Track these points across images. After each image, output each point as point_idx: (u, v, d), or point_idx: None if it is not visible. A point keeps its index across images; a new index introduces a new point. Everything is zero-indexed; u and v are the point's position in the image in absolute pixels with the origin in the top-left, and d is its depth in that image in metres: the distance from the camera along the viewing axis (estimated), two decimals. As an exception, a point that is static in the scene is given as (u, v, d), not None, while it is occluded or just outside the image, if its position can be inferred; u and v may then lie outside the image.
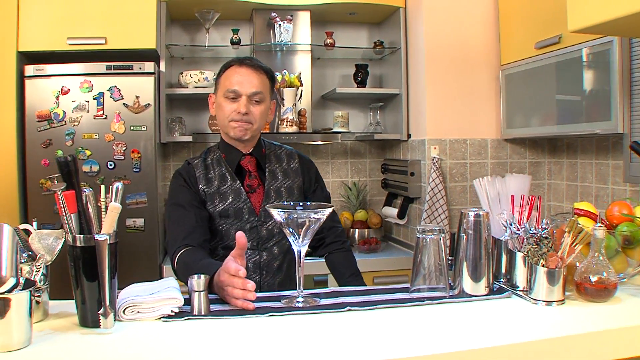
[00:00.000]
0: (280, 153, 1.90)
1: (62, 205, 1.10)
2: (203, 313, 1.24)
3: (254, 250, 1.76)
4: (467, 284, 1.41)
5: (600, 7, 1.54)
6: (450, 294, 1.41)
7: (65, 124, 2.61)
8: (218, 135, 3.19)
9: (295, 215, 1.30)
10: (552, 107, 2.53)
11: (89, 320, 1.15)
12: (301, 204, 1.40)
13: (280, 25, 3.06)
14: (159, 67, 2.79)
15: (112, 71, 2.63)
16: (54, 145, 2.60)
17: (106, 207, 1.17)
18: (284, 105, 3.08)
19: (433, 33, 2.92)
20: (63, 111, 2.60)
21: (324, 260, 1.90)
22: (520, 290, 1.43)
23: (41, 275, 1.12)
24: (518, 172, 3.00)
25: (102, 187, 1.17)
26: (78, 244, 1.13)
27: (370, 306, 1.31)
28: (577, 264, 1.41)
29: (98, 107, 2.63)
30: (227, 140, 1.83)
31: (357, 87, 3.35)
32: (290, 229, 1.32)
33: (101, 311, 1.10)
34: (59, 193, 1.09)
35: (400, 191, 3.19)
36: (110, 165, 2.64)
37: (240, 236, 1.32)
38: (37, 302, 1.11)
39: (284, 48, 3.17)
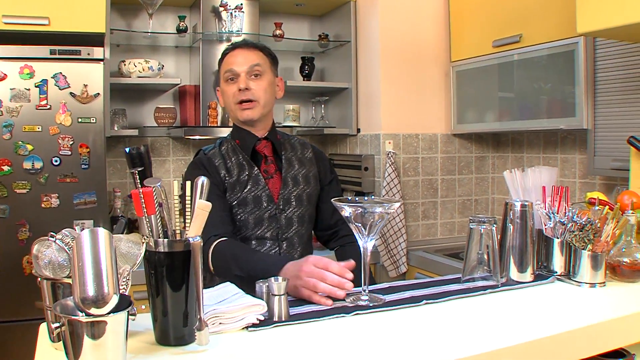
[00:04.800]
0: (294, 142, 1.87)
1: (153, 204, 0.94)
2: (284, 318, 1.14)
3: (274, 240, 1.71)
4: (514, 271, 1.45)
5: (613, 12, 1.65)
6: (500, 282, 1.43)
7: (2, 114, 2.26)
8: (163, 128, 3.02)
9: (364, 210, 1.24)
10: (510, 103, 2.67)
11: (170, 336, 1.00)
12: (366, 198, 1.34)
13: (231, 13, 2.92)
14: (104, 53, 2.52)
15: (57, 56, 2.32)
16: (-12, 139, 2.25)
17: (182, 206, 1.03)
18: (235, 98, 2.94)
19: (387, 28, 2.95)
20: (-1, 100, 2.26)
21: (333, 252, 1.88)
22: (559, 275, 1.49)
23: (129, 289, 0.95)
24: (465, 167, 3.15)
25: (175, 182, 1.02)
26: (161, 249, 0.97)
27: (441, 298, 1.29)
28: (604, 248, 1.51)
29: (41, 95, 2.31)
30: (239, 125, 1.77)
31: (304, 80, 3.30)
32: (357, 224, 1.25)
33: (196, 325, 0.96)
34: (148, 190, 0.93)
35: (351, 186, 3.19)
36: (56, 161, 2.34)
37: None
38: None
39: (231, 38, 3.02)
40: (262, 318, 1.11)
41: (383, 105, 2.96)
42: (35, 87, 2.30)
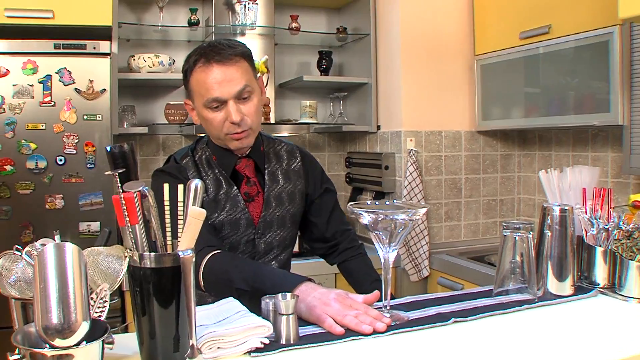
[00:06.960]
0: (280, 150, 1.59)
1: (135, 212, 0.82)
2: (292, 341, 1.00)
3: None
4: (552, 283, 1.30)
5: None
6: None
7: (5, 111, 2.16)
8: (175, 126, 2.91)
9: (386, 217, 1.09)
10: (537, 98, 2.50)
11: (159, 362, 0.87)
12: (387, 202, 1.20)
13: (245, 6, 2.79)
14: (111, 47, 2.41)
15: (62, 50, 2.22)
16: (-11, 138, 2.15)
17: (172, 213, 0.90)
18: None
19: (408, 20, 2.80)
20: (1, 96, 2.15)
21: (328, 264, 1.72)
22: (602, 288, 1.33)
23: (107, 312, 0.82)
24: (490, 165, 2.98)
25: (166, 185, 0.89)
26: (148, 264, 0.85)
27: (472, 315, 1.15)
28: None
29: (45, 92, 2.21)
30: (218, 144, 1.50)
31: (321, 75, 3.16)
32: (378, 232, 1.11)
33: (188, 353, 0.83)
34: (137, 195, 0.81)
35: (370, 186, 3.04)
36: (60, 160, 2.24)
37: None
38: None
39: (245, 32, 2.90)
40: (267, 341, 0.97)
41: (404, 101, 2.81)
42: (39, 83, 2.20)
